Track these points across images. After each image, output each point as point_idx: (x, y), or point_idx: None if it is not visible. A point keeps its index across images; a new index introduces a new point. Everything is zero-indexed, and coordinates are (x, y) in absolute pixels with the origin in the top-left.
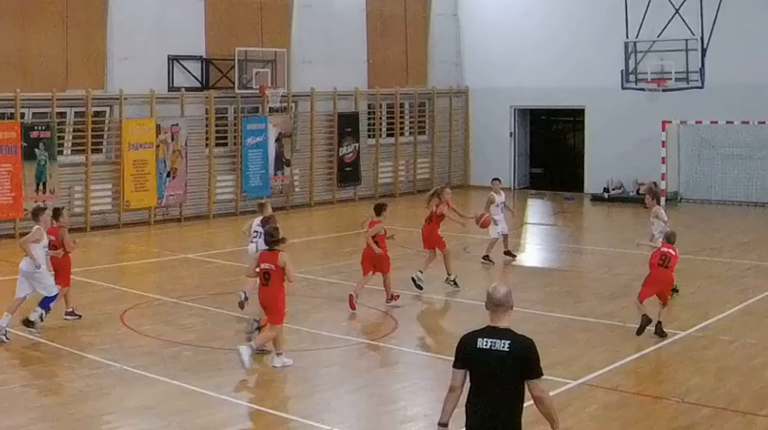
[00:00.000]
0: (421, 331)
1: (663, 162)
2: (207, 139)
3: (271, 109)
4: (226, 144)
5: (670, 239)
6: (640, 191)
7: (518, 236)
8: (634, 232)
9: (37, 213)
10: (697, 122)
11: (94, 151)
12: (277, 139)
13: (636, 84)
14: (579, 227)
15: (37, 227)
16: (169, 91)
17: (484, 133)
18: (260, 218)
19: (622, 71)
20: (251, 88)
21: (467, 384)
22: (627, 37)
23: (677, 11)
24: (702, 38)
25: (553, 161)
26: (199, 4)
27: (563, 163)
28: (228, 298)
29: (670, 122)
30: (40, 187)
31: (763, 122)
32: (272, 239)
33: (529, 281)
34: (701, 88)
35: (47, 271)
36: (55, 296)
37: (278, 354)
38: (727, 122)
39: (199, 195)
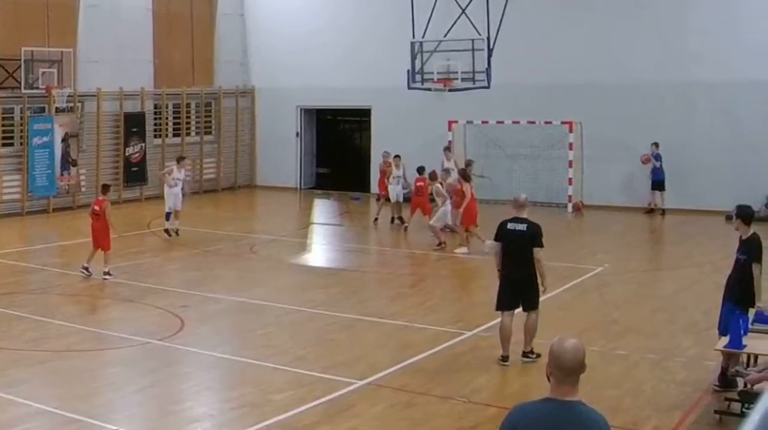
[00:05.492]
0: (207, 331)
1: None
2: None
3: (57, 110)
4: (12, 144)
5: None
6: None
7: (304, 236)
8: (419, 232)
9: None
10: (483, 122)
11: None
12: (64, 139)
13: (422, 84)
14: (365, 227)
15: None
16: None
17: (271, 133)
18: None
19: (408, 71)
20: (38, 88)
21: None
22: (413, 37)
23: (464, 11)
24: (488, 38)
25: (340, 161)
26: None
27: (349, 164)
28: (15, 298)
29: (457, 122)
30: None
31: (550, 122)
32: None
33: (315, 281)
34: (487, 88)
35: None
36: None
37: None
38: (514, 122)
39: None
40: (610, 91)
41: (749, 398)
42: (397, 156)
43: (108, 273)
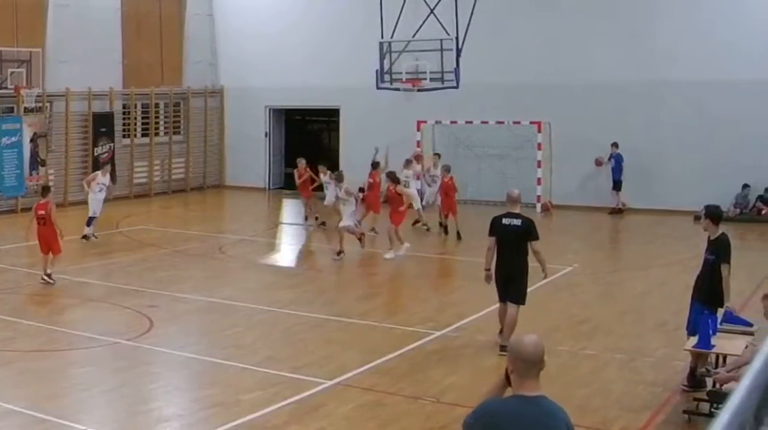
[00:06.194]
0: (176, 331)
1: (418, 162)
2: None
3: (26, 109)
4: None
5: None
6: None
7: (273, 237)
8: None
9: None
10: (452, 122)
11: None
12: (32, 139)
13: (391, 84)
14: (333, 227)
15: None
16: None
17: (239, 134)
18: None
19: (376, 71)
20: (6, 88)
21: None
22: (382, 37)
23: (432, 11)
24: (457, 39)
25: (308, 161)
26: None
27: (318, 163)
28: None
29: (425, 122)
30: None
31: (518, 122)
32: None
33: (283, 281)
34: (456, 88)
35: None
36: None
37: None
38: (482, 122)
39: None
40: (579, 91)
41: (718, 397)
42: (322, 164)
43: (49, 276)
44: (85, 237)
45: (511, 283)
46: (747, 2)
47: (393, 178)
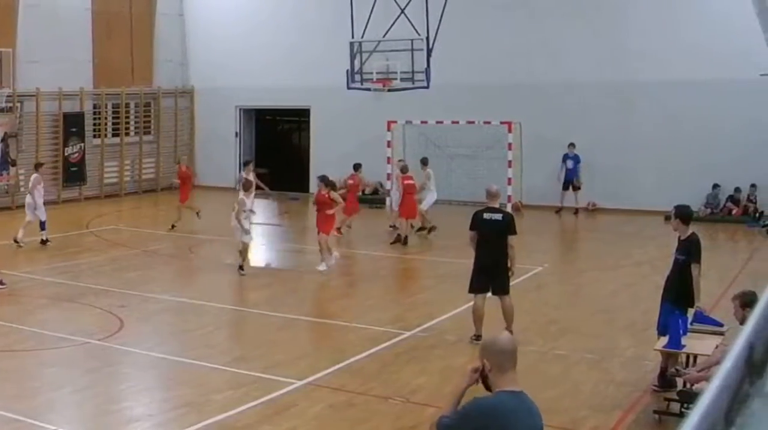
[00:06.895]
0: (146, 331)
1: (389, 162)
2: None
3: None
4: None
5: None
6: (366, 191)
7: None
8: (361, 233)
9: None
10: (422, 122)
11: None
12: (3, 139)
13: (361, 84)
14: (304, 227)
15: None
16: None
17: (210, 134)
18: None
19: (347, 71)
20: None
21: None
22: (353, 37)
23: (403, 11)
24: (427, 39)
25: (279, 161)
26: None
27: (289, 164)
28: None
29: (396, 122)
30: None
31: (489, 122)
32: None
33: (254, 281)
34: (427, 88)
35: None
36: None
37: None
38: (453, 122)
39: None
40: (550, 90)
41: (688, 397)
42: (247, 162)
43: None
44: (46, 241)
45: (495, 277)
46: (714, 3)
47: (327, 182)
